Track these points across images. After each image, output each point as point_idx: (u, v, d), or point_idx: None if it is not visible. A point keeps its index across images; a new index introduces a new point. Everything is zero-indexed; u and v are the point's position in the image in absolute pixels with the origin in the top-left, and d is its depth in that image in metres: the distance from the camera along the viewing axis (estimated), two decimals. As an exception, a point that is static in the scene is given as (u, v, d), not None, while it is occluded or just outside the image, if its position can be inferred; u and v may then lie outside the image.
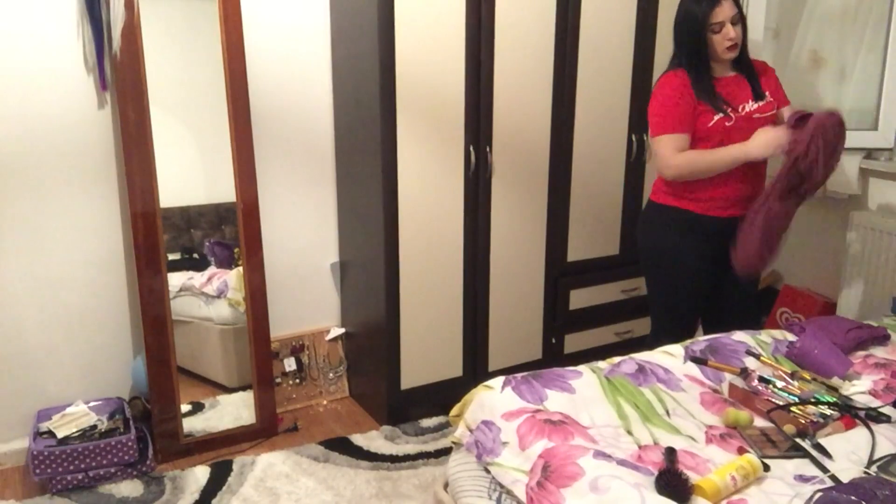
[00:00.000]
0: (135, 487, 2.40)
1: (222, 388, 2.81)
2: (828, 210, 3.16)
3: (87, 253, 2.58)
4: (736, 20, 2.26)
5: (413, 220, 2.66)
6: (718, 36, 2.26)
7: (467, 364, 2.91)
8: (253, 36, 2.67)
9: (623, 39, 2.94)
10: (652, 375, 2.05)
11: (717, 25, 2.24)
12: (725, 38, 2.25)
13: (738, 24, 2.26)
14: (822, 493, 1.46)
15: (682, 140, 2.31)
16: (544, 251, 2.99)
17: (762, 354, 2.19)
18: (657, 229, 2.49)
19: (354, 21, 2.62)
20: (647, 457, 1.68)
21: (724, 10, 2.23)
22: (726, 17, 2.24)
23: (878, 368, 2.14)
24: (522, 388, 1.90)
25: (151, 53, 2.41)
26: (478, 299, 2.88)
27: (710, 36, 2.27)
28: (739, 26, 2.27)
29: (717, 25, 2.25)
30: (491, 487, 1.75)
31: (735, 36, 2.25)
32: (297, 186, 2.91)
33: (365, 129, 2.64)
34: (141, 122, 2.42)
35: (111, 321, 2.67)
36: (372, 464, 2.54)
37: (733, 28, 2.25)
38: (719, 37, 2.26)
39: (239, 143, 2.58)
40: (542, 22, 2.75)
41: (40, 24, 2.37)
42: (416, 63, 2.53)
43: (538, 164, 2.88)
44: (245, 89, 2.56)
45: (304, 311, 3.04)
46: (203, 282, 2.73)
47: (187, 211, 2.67)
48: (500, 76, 2.70)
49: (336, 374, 3.09)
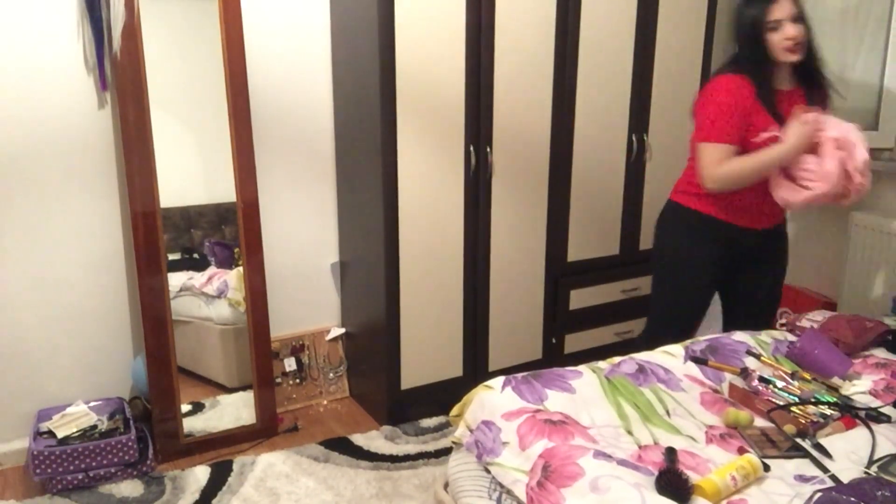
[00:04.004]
0: (135, 487, 2.40)
1: (222, 388, 2.81)
2: (828, 210, 3.16)
3: (87, 253, 2.58)
4: (797, 18, 2.11)
5: (413, 220, 2.66)
6: (777, 35, 2.12)
7: (467, 364, 2.91)
8: (253, 36, 2.67)
9: (623, 39, 2.94)
10: (652, 375, 2.05)
11: (775, 23, 2.11)
12: (784, 37, 2.11)
13: (799, 22, 2.11)
14: (822, 493, 1.46)
15: (731, 152, 2.18)
16: (544, 251, 2.99)
17: (762, 354, 2.19)
18: (673, 229, 2.45)
19: (354, 21, 2.62)
20: (647, 457, 1.68)
21: (783, 7, 2.10)
22: (784, 14, 2.10)
23: (879, 368, 2.14)
24: (522, 388, 1.90)
25: (151, 53, 2.41)
26: (478, 299, 2.88)
27: (768, 36, 2.13)
28: (802, 26, 2.12)
29: (774, 23, 2.11)
30: (491, 487, 1.75)
31: (795, 34, 2.10)
32: (297, 186, 2.91)
33: (365, 129, 2.64)
34: (141, 122, 2.42)
35: (111, 321, 2.67)
36: (372, 464, 2.54)
37: (793, 26, 2.10)
38: (777, 36, 2.12)
39: (239, 143, 2.58)
40: (542, 22, 2.75)
41: (40, 24, 2.37)
42: (416, 63, 2.53)
43: (538, 164, 2.88)
44: (245, 89, 2.56)
45: (304, 311, 3.04)
46: (203, 282, 2.73)
47: (187, 211, 2.67)
48: (500, 76, 2.70)
49: (336, 374, 3.09)
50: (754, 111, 2.18)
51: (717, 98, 2.19)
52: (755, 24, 2.14)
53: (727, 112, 2.16)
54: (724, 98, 2.18)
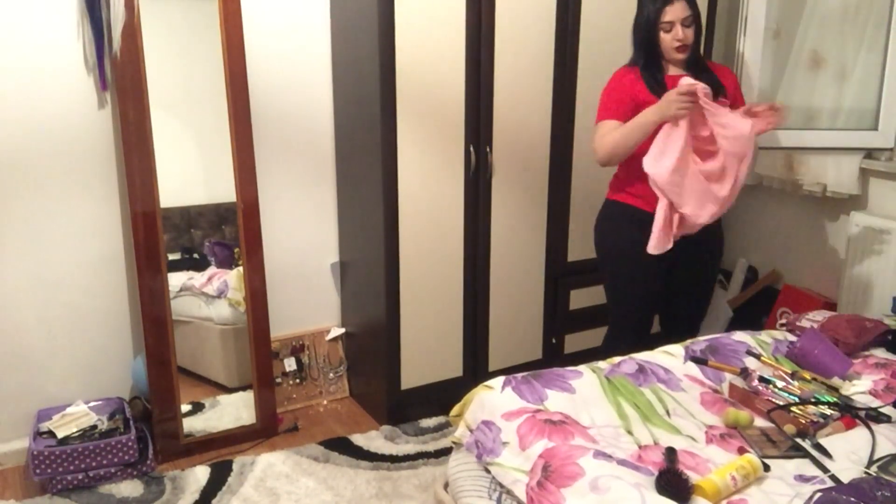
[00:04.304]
0: (135, 487, 2.40)
1: (222, 388, 2.81)
2: (828, 210, 3.16)
3: (87, 253, 2.58)
4: (688, 22, 2.29)
5: (413, 220, 2.66)
6: (668, 35, 2.30)
7: (467, 364, 2.91)
8: (253, 36, 2.67)
9: (623, 39, 2.92)
10: (652, 375, 2.05)
11: (668, 24, 2.29)
12: (675, 38, 2.29)
13: (689, 26, 2.30)
14: (821, 493, 1.46)
15: (615, 127, 2.33)
16: (544, 251, 2.99)
17: (762, 354, 2.19)
18: (608, 226, 2.54)
19: (354, 21, 2.62)
20: (647, 457, 1.68)
21: (676, 10, 2.27)
22: (677, 17, 2.27)
23: (879, 368, 2.15)
24: (522, 388, 1.90)
25: (151, 53, 2.41)
26: (478, 299, 2.88)
27: (661, 35, 2.31)
28: (692, 29, 2.30)
29: (667, 24, 2.29)
30: (491, 487, 1.75)
31: (683, 37, 2.29)
32: (297, 186, 2.91)
33: (365, 129, 2.64)
34: (141, 122, 2.42)
35: (111, 321, 2.67)
36: (372, 464, 2.54)
37: (683, 29, 2.28)
38: (668, 36, 2.30)
39: (239, 143, 2.58)
40: (542, 22, 2.75)
41: (40, 24, 2.37)
42: (416, 63, 2.53)
43: (538, 165, 2.88)
44: (245, 89, 2.56)
45: (304, 311, 3.04)
46: (203, 282, 2.73)
47: (187, 211, 2.67)
48: (500, 76, 2.70)
49: (336, 374, 3.09)
50: (641, 95, 2.33)
51: (609, 87, 2.41)
52: (649, 22, 2.32)
53: (610, 95, 2.38)
54: (610, 85, 2.41)
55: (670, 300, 2.57)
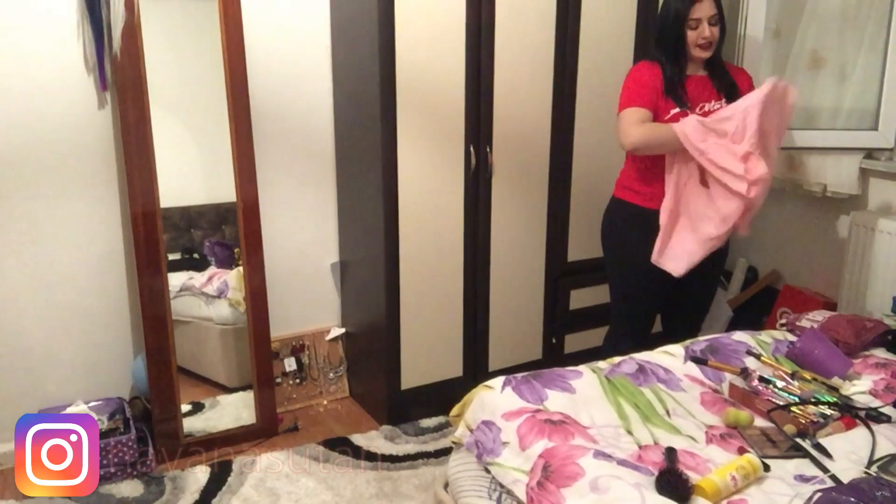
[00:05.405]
0: (135, 487, 2.40)
1: (222, 388, 2.81)
2: (828, 210, 3.16)
3: (87, 253, 2.58)
4: (714, 21, 2.31)
5: (413, 220, 2.66)
6: (694, 32, 2.32)
7: (467, 364, 2.91)
8: (253, 36, 2.67)
9: (623, 39, 2.94)
10: (652, 375, 2.05)
11: (695, 21, 2.30)
12: (700, 35, 2.31)
13: (715, 24, 2.32)
14: (821, 493, 1.46)
15: (645, 115, 2.33)
16: (544, 251, 2.99)
17: (762, 354, 2.19)
18: (614, 224, 2.56)
19: (354, 21, 2.62)
20: (647, 457, 1.68)
21: (704, 7, 2.29)
22: (704, 14, 2.30)
23: (879, 368, 2.15)
24: (522, 388, 1.90)
25: (151, 53, 2.41)
26: (478, 299, 2.88)
27: (686, 32, 2.33)
28: (717, 28, 2.33)
29: (693, 21, 2.30)
30: (491, 487, 1.75)
31: (709, 35, 2.31)
32: (297, 186, 2.91)
33: (365, 129, 2.64)
34: (141, 122, 2.42)
35: (111, 321, 2.67)
36: (372, 464, 2.54)
37: (709, 27, 2.31)
38: (694, 33, 2.32)
39: (239, 143, 2.58)
40: (542, 22, 2.75)
41: (40, 25, 2.37)
42: (416, 63, 2.53)
43: (538, 165, 2.88)
44: (245, 89, 2.56)
45: (304, 311, 3.04)
46: (203, 282, 2.73)
47: (187, 211, 2.67)
48: (500, 76, 2.70)
49: (336, 374, 3.09)
50: (662, 95, 2.36)
51: (633, 76, 2.42)
52: (677, 18, 2.32)
53: (640, 84, 2.37)
54: (637, 75, 2.41)
55: (672, 300, 2.57)
